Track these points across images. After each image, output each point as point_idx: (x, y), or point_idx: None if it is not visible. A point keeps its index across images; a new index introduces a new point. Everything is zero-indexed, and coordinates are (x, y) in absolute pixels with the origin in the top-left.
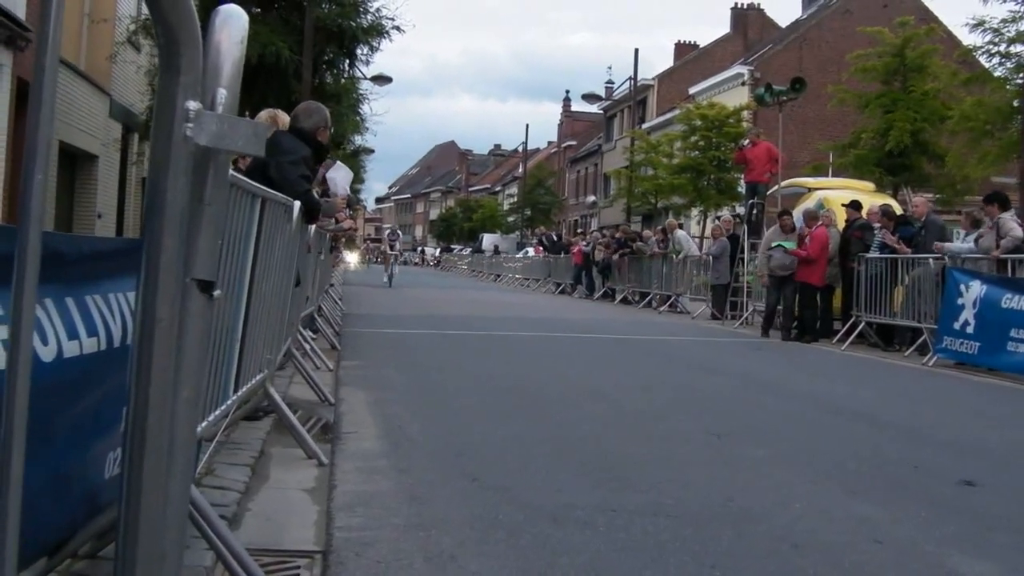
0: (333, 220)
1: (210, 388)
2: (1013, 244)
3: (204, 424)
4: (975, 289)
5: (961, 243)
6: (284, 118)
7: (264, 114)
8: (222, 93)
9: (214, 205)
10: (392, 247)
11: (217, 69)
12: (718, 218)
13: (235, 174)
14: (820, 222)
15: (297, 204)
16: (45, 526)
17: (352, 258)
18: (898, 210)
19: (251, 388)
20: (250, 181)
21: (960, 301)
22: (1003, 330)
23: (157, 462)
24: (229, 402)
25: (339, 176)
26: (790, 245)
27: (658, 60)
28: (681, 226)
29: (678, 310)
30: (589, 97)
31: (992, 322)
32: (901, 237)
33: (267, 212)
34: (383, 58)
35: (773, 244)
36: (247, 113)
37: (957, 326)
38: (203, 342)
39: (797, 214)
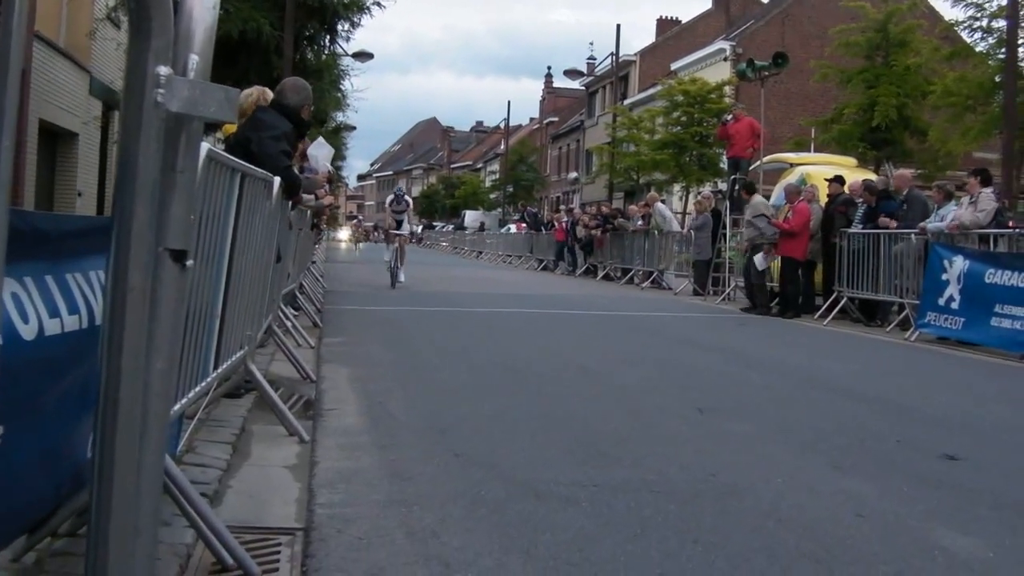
0: (313, 196)
1: (190, 365)
2: (974, 222)
3: (184, 401)
4: (959, 264)
5: (938, 221)
6: (271, 96)
7: (255, 91)
8: (194, 59)
9: (186, 173)
10: (398, 223)
11: (189, 34)
12: (699, 193)
13: (214, 149)
14: (802, 197)
15: (277, 180)
16: (28, 504)
17: (342, 234)
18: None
19: (232, 365)
20: (229, 156)
21: (944, 277)
22: (987, 305)
23: (129, 434)
24: (209, 379)
25: (320, 153)
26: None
27: (640, 36)
28: (663, 201)
29: (661, 286)
30: (571, 73)
31: (977, 297)
32: (884, 212)
33: (247, 187)
34: (361, 34)
35: (756, 214)
36: None
37: (942, 302)
38: (177, 312)
39: (779, 189)
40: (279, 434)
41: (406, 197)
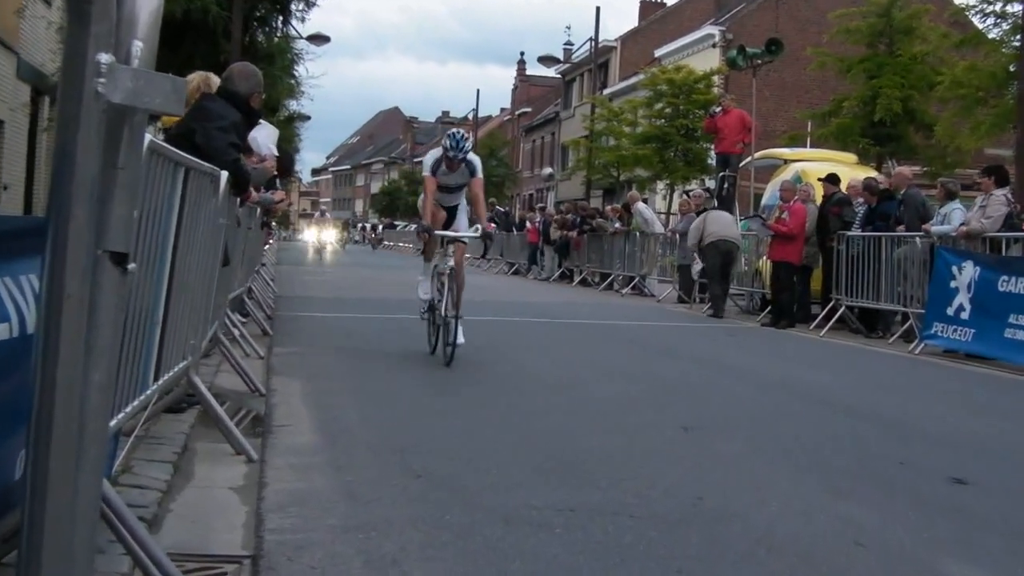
0: (263, 190)
1: (128, 376)
2: (981, 230)
3: (121, 416)
4: (968, 271)
5: (939, 221)
6: (217, 82)
7: (196, 77)
8: (138, 46)
9: (129, 169)
10: (452, 212)
11: (132, 19)
12: (686, 192)
13: (156, 140)
14: (797, 196)
15: (224, 174)
16: None
17: (328, 236)
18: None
19: (173, 377)
20: (172, 148)
21: (953, 284)
22: (1001, 316)
23: (65, 452)
24: (149, 392)
25: (261, 135)
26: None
27: (621, 20)
28: (645, 201)
29: (643, 293)
30: (546, 60)
31: (989, 307)
32: (884, 213)
33: (191, 183)
34: (314, 15)
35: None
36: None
37: (950, 311)
38: (117, 321)
39: (772, 188)
40: (225, 452)
41: (470, 156)
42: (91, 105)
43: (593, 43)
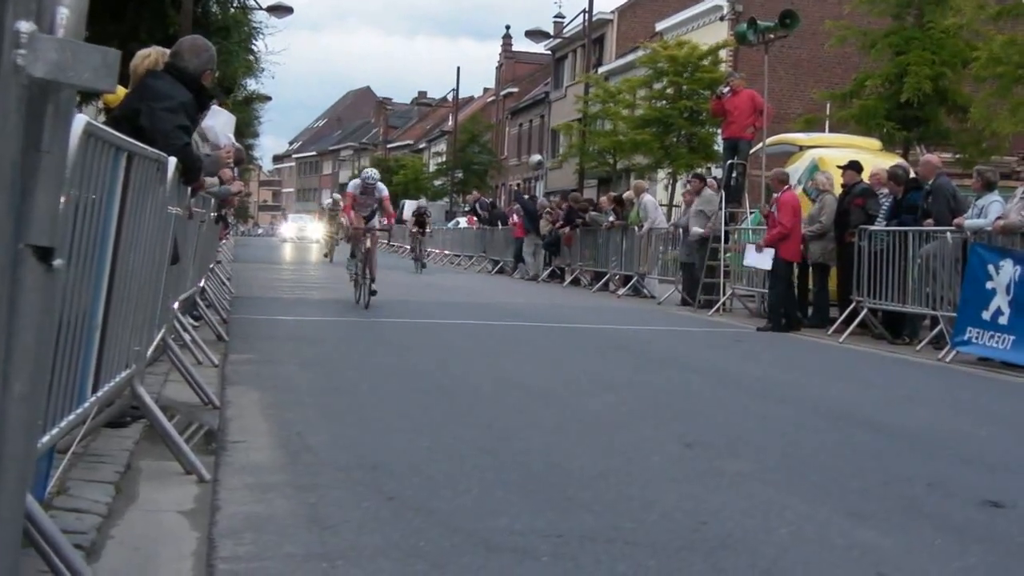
0: (217, 180)
1: (62, 387)
2: (1020, 223)
3: (55, 432)
4: (1008, 270)
5: (976, 214)
6: None
7: (154, 52)
8: (63, 13)
9: (54, 153)
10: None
11: None
12: (689, 183)
13: (94, 123)
14: (787, 186)
15: (173, 161)
16: None
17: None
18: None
19: (115, 387)
20: (112, 131)
21: (990, 285)
22: None
23: None
24: (87, 404)
25: (218, 123)
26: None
27: None
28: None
29: (642, 294)
30: (534, 34)
31: None
32: (911, 205)
33: (135, 170)
34: None
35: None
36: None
37: (986, 316)
38: (43, 324)
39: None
40: (173, 472)
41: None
42: (9, 80)
43: (586, 15)
